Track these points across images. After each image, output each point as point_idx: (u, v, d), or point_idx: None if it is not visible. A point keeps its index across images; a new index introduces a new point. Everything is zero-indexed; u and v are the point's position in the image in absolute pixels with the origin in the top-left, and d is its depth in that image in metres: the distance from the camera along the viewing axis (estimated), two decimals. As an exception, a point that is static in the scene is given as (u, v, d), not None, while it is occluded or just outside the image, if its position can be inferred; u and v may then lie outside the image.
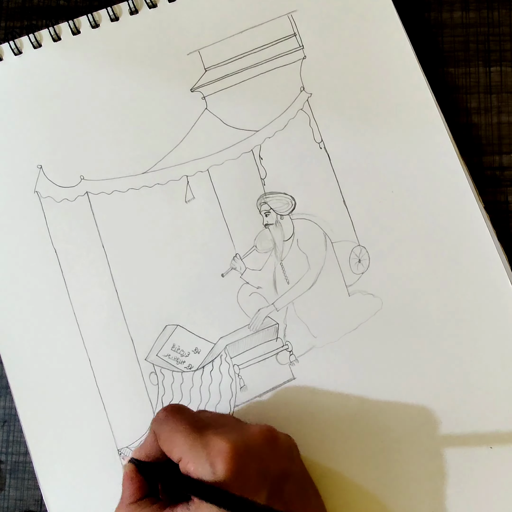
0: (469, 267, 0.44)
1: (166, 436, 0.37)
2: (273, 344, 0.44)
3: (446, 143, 0.46)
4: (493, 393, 0.43)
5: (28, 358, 0.44)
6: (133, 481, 0.38)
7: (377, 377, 0.43)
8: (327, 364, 0.40)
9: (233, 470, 0.35)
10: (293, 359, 0.44)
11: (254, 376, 0.44)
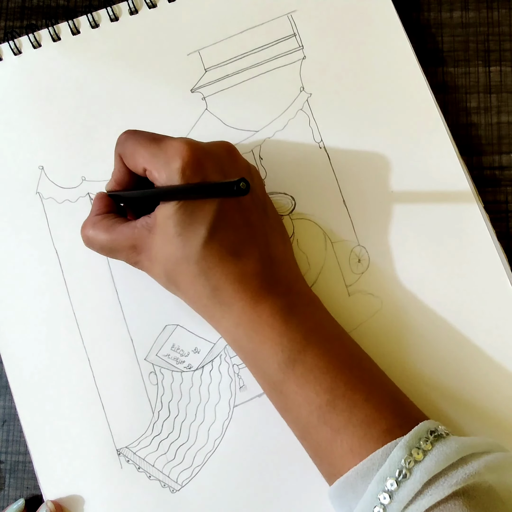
0: (469, 267, 0.44)
1: (129, 152, 0.39)
2: (272, 344, 0.44)
3: (446, 143, 0.46)
4: (493, 393, 0.43)
5: (28, 358, 0.44)
6: (101, 200, 0.42)
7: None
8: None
9: (190, 165, 0.37)
10: (293, 359, 0.44)
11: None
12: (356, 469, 0.34)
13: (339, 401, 0.36)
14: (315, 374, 0.37)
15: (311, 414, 0.36)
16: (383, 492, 0.33)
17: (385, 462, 0.34)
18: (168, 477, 0.43)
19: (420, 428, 0.35)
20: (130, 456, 0.43)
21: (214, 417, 0.43)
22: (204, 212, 0.37)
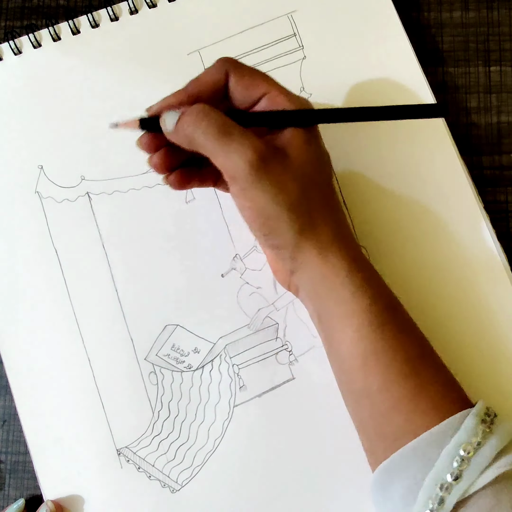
0: (469, 267, 0.44)
1: (249, 74, 0.38)
2: (272, 344, 0.44)
3: (446, 143, 0.46)
4: (493, 393, 0.43)
5: (28, 358, 0.44)
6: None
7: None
8: (326, 364, 0.40)
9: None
10: (293, 359, 0.44)
11: (253, 376, 0.44)
12: (432, 432, 0.35)
13: (429, 358, 0.38)
14: (410, 326, 0.38)
15: (404, 363, 0.36)
16: (459, 457, 0.34)
17: (459, 428, 0.34)
18: (168, 477, 0.43)
19: (483, 404, 0.36)
20: (130, 456, 0.43)
21: (214, 417, 0.43)
22: (326, 158, 0.40)
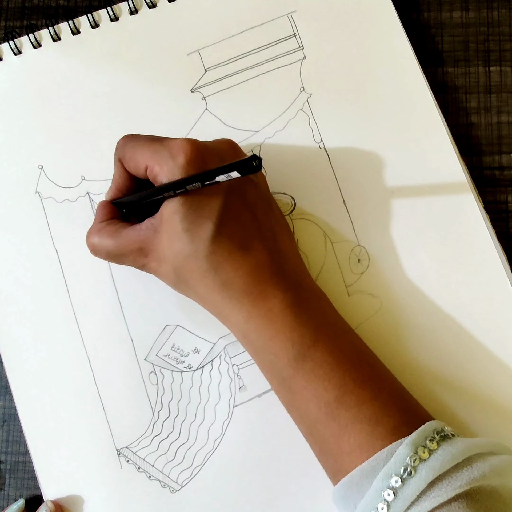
0: (469, 267, 0.44)
1: (130, 154, 0.39)
2: (272, 344, 0.44)
3: (446, 143, 0.46)
4: (493, 393, 0.43)
5: (28, 358, 0.44)
6: (104, 207, 0.42)
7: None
8: (326, 364, 0.40)
9: (194, 160, 0.37)
10: (293, 359, 0.44)
11: (253, 376, 0.44)
12: (361, 467, 0.34)
13: (348, 398, 0.36)
14: (324, 369, 0.37)
15: (320, 410, 0.36)
16: (388, 488, 0.33)
17: (390, 459, 0.34)
18: (168, 477, 0.43)
19: (426, 428, 0.35)
20: (130, 456, 0.43)
21: (214, 417, 0.43)
22: (210, 206, 0.37)
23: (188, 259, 0.37)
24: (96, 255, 0.41)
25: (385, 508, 0.33)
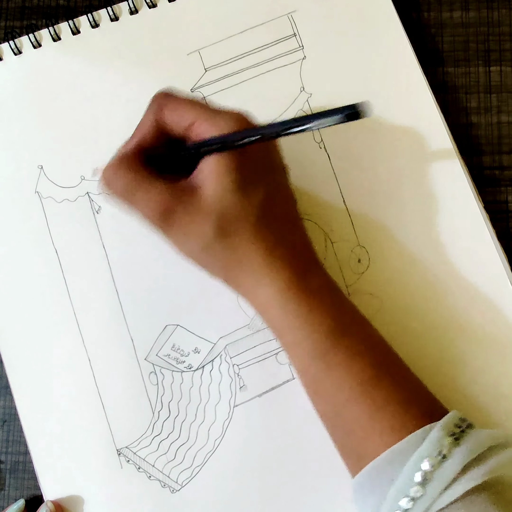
0: (469, 267, 0.44)
1: (177, 105, 0.37)
2: (273, 343, 0.44)
3: (446, 143, 0.46)
4: (493, 393, 0.43)
5: (28, 358, 0.44)
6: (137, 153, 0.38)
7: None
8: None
9: (248, 123, 0.36)
10: (293, 359, 0.44)
11: (254, 376, 0.44)
12: (394, 448, 0.34)
13: (383, 377, 0.36)
14: (361, 348, 0.37)
15: (354, 387, 0.36)
16: (421, 471, 0.33)
17: (422, 443, 0.33)
18: (168, 477, 0.43)
19: (454, 415, 0.35)
20: (130, 456, 0.43)
21: (214, 417, 0.43)
22: (260, 177, 0.37)
23: (237, 219, 0.36)
24: (110, 184, 0.38)
25: (420, 491, 0.32)
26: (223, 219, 0.36)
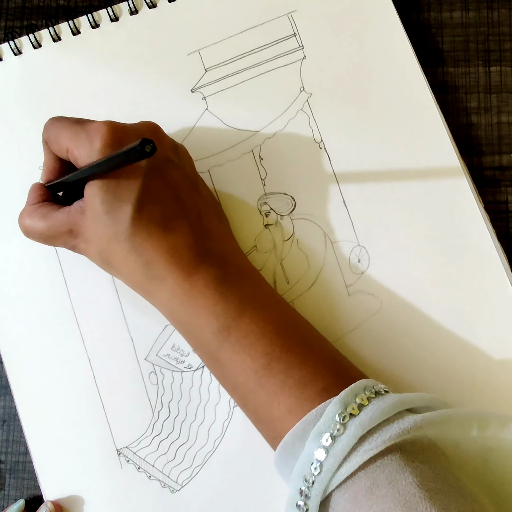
0: (469, 267, 0.44)
1: (53, 136, 0.40)
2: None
3: (446, 143, 0.46)
4: (493, 393, 0.43)
5: (28, 358, 0.44)
6: (36, 189, 0.43)
7: (376, 377, 0.43)
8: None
9: (110, 142, 0.37)
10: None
11: (254, 376, 0.44)
12: (292, 431, 0.34)
13: (275, 364, 0.36)
14: (250, 339, 0.37)
15: (248, 380, 0.37)
16: (319, 448, 0.33)
17: (320, 419, 0.34)
18: (168, 477, 0.43)
19: (356, 386, 0.35)
20: (130, 456, 0.43)
21: (214, 417, 0.43)
22: (129, 188, 0.37)
23: (110, 241, 0.38)
24: (29, 237, 0.42)
25: (318, 468, 0.33)
26: (101, 245, 0.39)
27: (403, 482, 0.31)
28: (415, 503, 0.30)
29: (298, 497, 0.33)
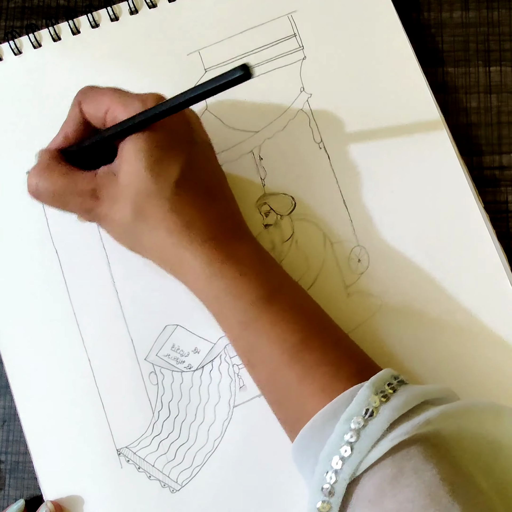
0: (469, 267, 0.44)
1: (92, 95, 0.39)
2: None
3: (446, 143, 0.46)
4: (493, 393, 0.43)
5: (28, 358, 0.45)
6: (49, 152, 0.39)
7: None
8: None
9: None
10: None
11: (253, 376, 0.44)
12: (323, 411, 0.34)
13: (313, 340, 0.36)
14: (290, 313, 0.37)
15: (284, 352, 0.36)
16: (350, 431, 0.33)
17: (352, 402, 0.34)
18: (168, 477, 0.43)
19: (385, 373, 0.35)
20: (130, 456, 0.43)
21: (214, 417, 0.43)
22: (176, 152, 0.37)
23: (151, 197, 0.37)
24: (36, 194, 0.39)
25: (348, 451, 0.32)
26: (139, 201, 0.37)
27: (428, 473, 0.31)
28: (439, 495, 0.31)
29: (324, 480, 0.33)
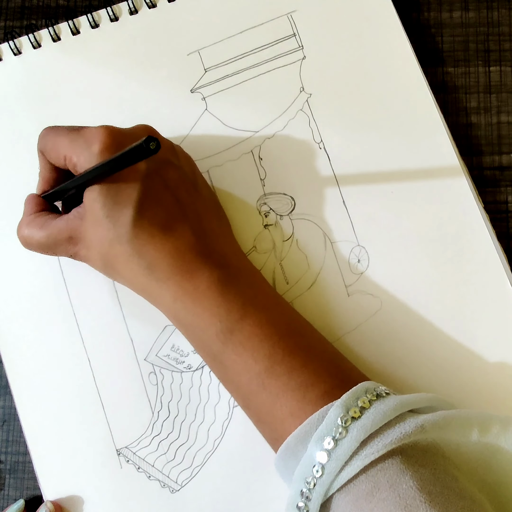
0: (469, 267, 0.44)
1: (50, 145, 0.40)
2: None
3: (446, 143, 0.46)
4: (492, 393, 0.43)
5: (28, 358, 0.45)
6: (32, 200, 0.42)
7: (376, 377, 0.43)
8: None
9: (109, 147, 0.37)
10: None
11: (253, 376, 0.44)
12: (294, 434, 0.34)
13: (278, 367, 0.36)
14: (253, 342, 0.37)
15: (251, 382, 0.37)
16: (321, 450, 0.33)
17: (322, 422, 0.34)
18: (168, 477, 0.43)
19: (358, 389, 0.35)
20: (130, 456, 0.43)
21: (214, 417, 0.43)
22: (129, 191, 0.37)
23: (112, 245, 0.38)
24: (28, 247, 0.42)
25: (319, 470, 0.33)
26: (104, 250, 0.39)
27: (403, 485, 0.31)
28: (416, 506, 0.31)
29: (298, 498, 0.34)
